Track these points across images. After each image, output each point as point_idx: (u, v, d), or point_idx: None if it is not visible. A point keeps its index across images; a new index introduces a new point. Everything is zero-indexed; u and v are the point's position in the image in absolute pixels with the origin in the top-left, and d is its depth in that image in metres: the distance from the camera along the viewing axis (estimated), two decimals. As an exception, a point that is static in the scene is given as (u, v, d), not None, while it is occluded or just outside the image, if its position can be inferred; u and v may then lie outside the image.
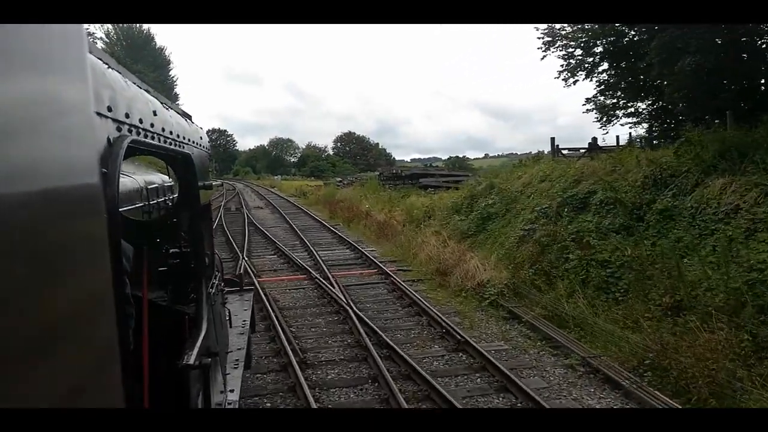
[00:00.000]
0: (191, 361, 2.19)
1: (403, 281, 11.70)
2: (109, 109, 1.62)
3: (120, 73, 1.91)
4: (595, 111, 16.06)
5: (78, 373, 1.04)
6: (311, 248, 16.73)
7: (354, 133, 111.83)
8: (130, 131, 1.81)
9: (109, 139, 1.58)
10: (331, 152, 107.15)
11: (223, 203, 38.24)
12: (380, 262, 14.23)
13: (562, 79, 16.04)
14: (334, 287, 11.27)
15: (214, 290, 3.28)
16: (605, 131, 16.51)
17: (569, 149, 16.37)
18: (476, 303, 9.74)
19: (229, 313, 4.74)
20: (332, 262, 14.79)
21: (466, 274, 10.78)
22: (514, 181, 13.48)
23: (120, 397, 1.25)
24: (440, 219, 15.26)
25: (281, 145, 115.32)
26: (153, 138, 2.15)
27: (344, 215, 24.50)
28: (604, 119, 16.00)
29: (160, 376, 2.15)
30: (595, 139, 16.50)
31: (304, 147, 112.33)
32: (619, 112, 15.95)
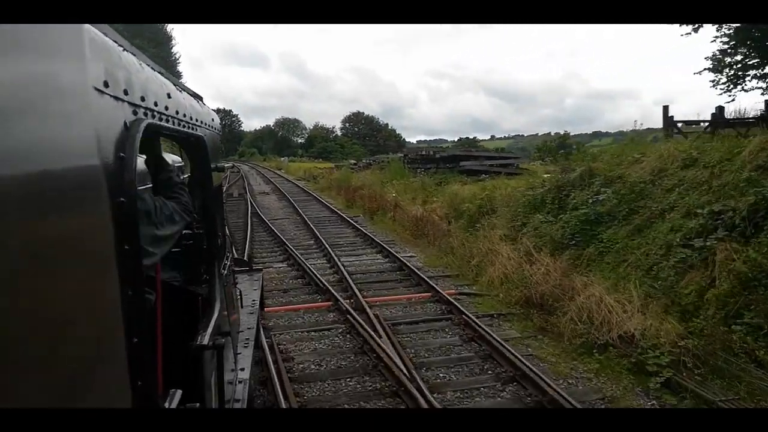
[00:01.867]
0: (205, 342, 2.20)
1: (479, 318, 7.70)
2: (126, 93, 1.55)
3: (135, 55, 1.82)
4: (714, 72, 11.94)
5: (79, 356, 1.03)
6: (330, 252, 12.75)
7: (363, 113, 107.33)
8: (145, 114, 1.76)
9: (125, 123, 1.52)
10: (339, 133, 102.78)
11: (224, 187, 34.31)
12: (430, 277, 10.23)
13: (680, 24, 11.92)
14: (376, 329, 7.29)
15: (226, 271, 3.29)
16: (731, 97, 12.48)
17: (686, 122, 12.24)
18: (631, 378, 5.72)
19: (240, 293, 4.59)
20: (363, 277, 10.80)
21: (588, 316, 6.74)
22: (631, 166, 9.40)
23: (125, 382, 1.27)
24: (508, 218, 11.21)
25: (288, 125, 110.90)
26: (167, 121, 2.08)
27: (365, 205, 20.44)
28: (728, 83, 11.91)
29: (174, 356, 2.05)
30: (720, 108, 12.33)
31: (311, 128, 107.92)
32: (751, 73, 11.84)
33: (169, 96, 2.13)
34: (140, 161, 4.29)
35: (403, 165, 23.24)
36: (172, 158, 5.41)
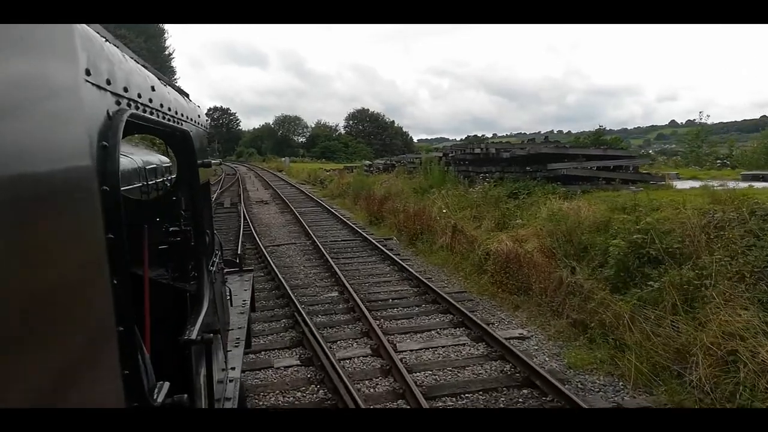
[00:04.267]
0: (193, 337, 2.18)
1: None
2: (108, 82, 1.55)
3: (117, 47, 1.82)
4: None
5: (72, 353, 1.03)
6: (372, 323, 7.20)
7: (368, 110, 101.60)
8: (129, 105, 1.74)
9: (108, 113, 1.53)
10: (342, 131, 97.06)
11: (216, 192, 28.63)
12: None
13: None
14: None
15: (214, 268, 3.33)
16: None
17: None
18: None
19: (230, 292, 4.64)
20: (456, 404, 5.19)
21: None
22: None
23: (116, 378, 1.27)
24: (754, 283, 5.57)
25: (288, 123, 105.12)
26: (152, 113, 2.09)
27: (399, 224, 14.85)
28: None
29: (163, 353, 2.12)
30: None
31: (312, 126, 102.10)
32: None
33: (153, 89, 2.12)
34: (129, 161, 4.28)
35: (446, 167, 17.58)
36: (159, 158, 5.58)
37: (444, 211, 13.34)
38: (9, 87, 0.86)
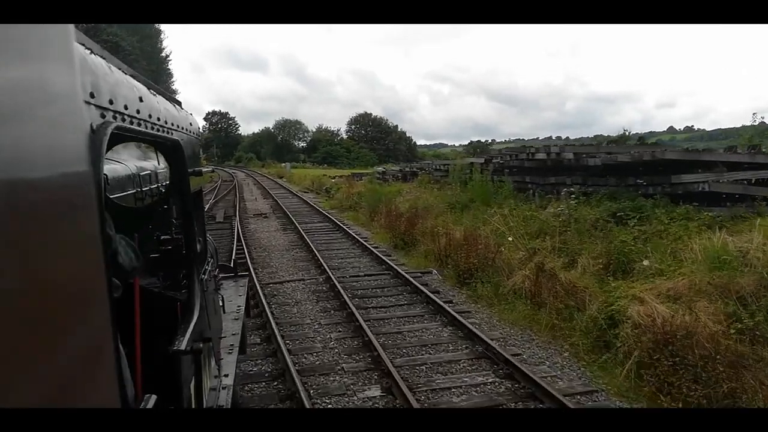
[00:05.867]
0: (182, 347, 2.18)
1: None
2: (92, 96, 1.57)
3: (104, 58, 1.85)
4: None
5: (70, 364, 1.02)
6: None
7: (371, 114, 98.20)
8: (114, 118, 1.76)
9: (92, 126, 1.53)
10: (344, 136, 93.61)
11: (210, 202, 24.96)
12: None
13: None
14: None
15: (206, 276, 3.35)
16: None
17: None
18: None
19: (223, 299, 4.55)
20: None
21: None
22: None
23: (114, 388, 1.25)
24: None
25: (288, 127, 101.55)
26: (140, 124, 2.09)
27: (439, 250, 11.20)
28: None
29: (153, 362, 2.09)
30: None
31: (314, 130, 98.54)
32: None
33: (141, 99, 2.11)
34: (123, 167, 4.03)
35: (491, 176, 13.92)
36: (154, 164, 5.18)
37: (510, 239, 9.68)
38: None
